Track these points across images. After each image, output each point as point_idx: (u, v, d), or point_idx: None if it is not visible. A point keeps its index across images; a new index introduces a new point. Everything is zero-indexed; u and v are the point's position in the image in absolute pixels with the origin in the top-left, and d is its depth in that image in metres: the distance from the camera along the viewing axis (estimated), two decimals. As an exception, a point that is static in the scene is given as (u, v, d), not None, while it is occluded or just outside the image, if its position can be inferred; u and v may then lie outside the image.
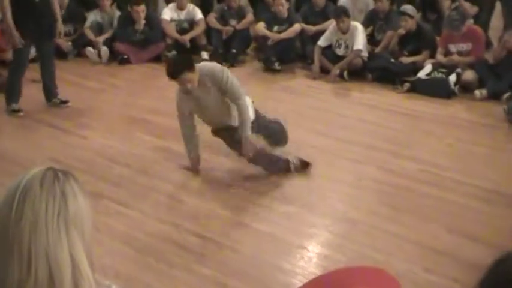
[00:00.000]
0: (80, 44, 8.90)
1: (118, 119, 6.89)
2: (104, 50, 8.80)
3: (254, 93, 7.68)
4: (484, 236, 4.40)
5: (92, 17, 9.02)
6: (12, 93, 6.90)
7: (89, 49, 8.80)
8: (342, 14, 8.12)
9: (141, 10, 8.74)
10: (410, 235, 4.57)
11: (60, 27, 6.99)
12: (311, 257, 4.36)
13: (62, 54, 8.54)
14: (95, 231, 1.71)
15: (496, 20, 9.08)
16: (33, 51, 7.24)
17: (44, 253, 1.52)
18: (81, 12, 9.12)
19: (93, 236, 1.65)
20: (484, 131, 6.58)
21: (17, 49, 6.66)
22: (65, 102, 7.17)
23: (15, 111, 6.86)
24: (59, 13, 6.99)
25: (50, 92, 7.15)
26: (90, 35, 8.89)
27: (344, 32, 8.14)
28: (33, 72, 7.15)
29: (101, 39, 8.86)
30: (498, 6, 8.95)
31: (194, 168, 5.51)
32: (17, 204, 1.54)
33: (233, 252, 4.36)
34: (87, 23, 8.96)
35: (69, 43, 8.83)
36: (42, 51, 6.98)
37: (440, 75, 7.63)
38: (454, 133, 6.54)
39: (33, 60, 7.27)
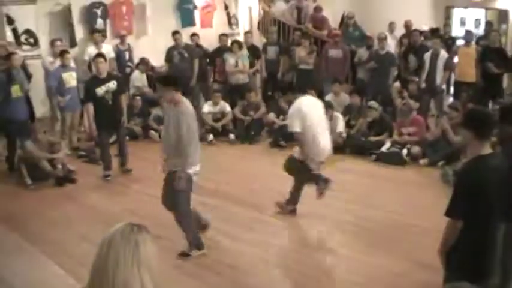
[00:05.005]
0: (147, 129, 9.03)
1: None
2: (164, 133, 8.96)
3: (266, 162, 7.82)
4: (430, 262, 4.29)
5: (154, 112, 9.14)
6: (105, 164, 6.97)
7: (152, 132, 8.93)
8: (329, 107, 8.15)
9: (186, 103, 8.93)
10: (378, 262, 4.63)
11: (124, 118, 7.10)
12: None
13: (135, 137, 8.67)
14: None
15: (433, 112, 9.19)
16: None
17: (123, 284, 1.63)
18: (147, 109, 9.25)
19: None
20: (427, 188, 6.58)
21: (98, 136, 6.92)
22: (130, 170, 7.23)
23: (106, 176, 6.94)
24: (125, 109, 7.16)
25: (122, 162, 7.26)
26: (153, 124, 8.99)
27: (329, 119, 8.15)
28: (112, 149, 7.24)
29: (162, 128, 8.96)
30: (432, 103, 9.07)
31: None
32: (106, 249, 1.66)
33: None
34: (151, 117, 9.08)
35: (140, 129, 8.98)
36: (118, 136, 7.17)
37: (396, 149, 7.68)
38: (407, 190, 6.58)
39: (114, 142, 7.37)
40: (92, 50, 8.67)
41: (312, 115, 5.42)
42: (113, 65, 8.73)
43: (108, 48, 8.91)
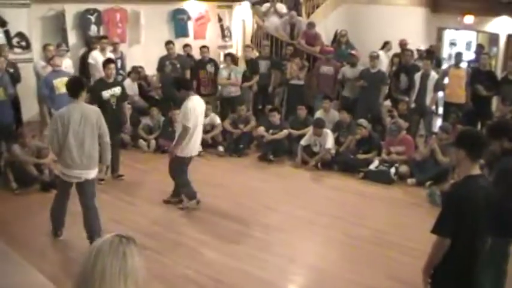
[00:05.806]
0: (136, 138, 9.02)
1: (157, 191, 6.85)
2: (153, 142, 8.95)
3: (253, 176, 7.84)
4: (413, 281, 4.32)
5: (144, 121, 9.19)
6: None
7: (141, 141, 8.96)
8: (318, 124, 8.30)
9: (177, 113, 8.89)
10: (360, 280, 4.67)
11: (128, 125, 7.52)
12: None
13: (123, 145, 8.57)
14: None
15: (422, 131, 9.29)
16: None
17: None
18: (137, 118, 9.22)
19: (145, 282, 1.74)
20: (413, 207, 6.64)
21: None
22: (121, 176, 7.33)
23: (100, 180, 6.66)
24: (128, 117, 7.44)
25: (114, 169, 7.27)
26: (142, 133, 9.03)
27: (319, 136, 8.27)
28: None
29: (151, 137, 8.99)
30: (421, 123, 9.14)
31: None
32: (93, 259, 1.67)
33: None
34: (140, 125, 9.10)
35: (129, 137, 8.93)
36: (112, 141, 7.04)
37: (384, 168, 7.74)
38: (393, 209, 6.62)
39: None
40: (97, 55, 8.69)
41: (197, 115, 6.10)
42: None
43: (111, 55, 8.91)
